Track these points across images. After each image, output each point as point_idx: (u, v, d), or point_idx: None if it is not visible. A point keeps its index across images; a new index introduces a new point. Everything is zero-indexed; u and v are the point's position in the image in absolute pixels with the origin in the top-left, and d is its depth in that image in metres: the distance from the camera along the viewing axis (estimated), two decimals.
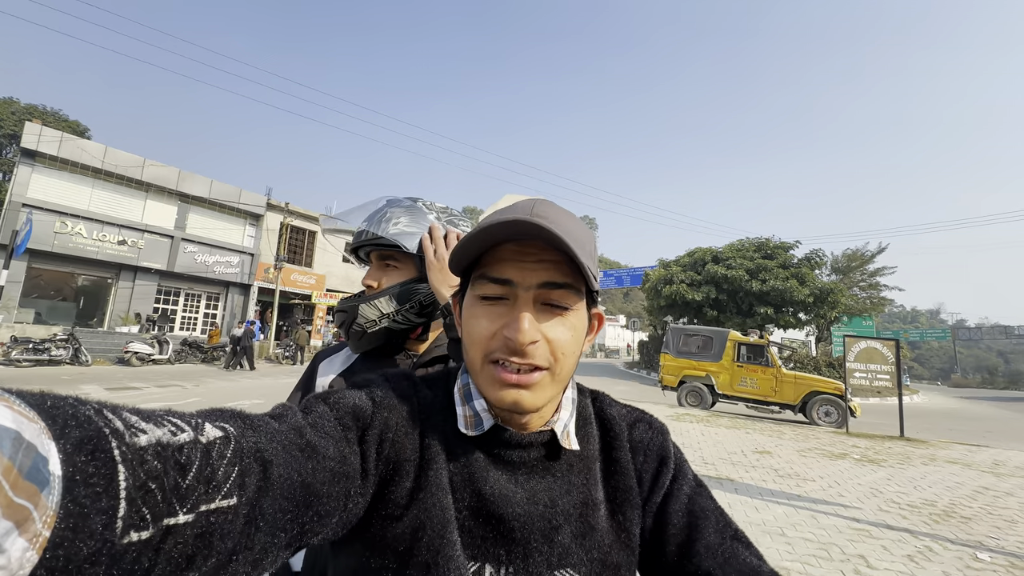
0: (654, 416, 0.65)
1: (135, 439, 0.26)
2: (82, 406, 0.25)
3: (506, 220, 0.48)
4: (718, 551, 0.53)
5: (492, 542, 0.50)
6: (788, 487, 5.14)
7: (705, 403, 12.20)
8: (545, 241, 0.49)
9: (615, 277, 35.78)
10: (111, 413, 0.26)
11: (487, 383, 0.52)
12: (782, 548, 3.48)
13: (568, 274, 0.52)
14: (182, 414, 0.32)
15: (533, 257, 0.51)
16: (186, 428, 0.31)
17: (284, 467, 0.37)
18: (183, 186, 19.32)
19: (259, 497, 0.34)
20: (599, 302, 0.60)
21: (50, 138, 16.26)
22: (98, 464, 0.24)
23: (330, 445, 0.43)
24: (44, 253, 16.04)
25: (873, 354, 10.05)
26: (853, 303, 23.50)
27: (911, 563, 3.34)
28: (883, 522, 4.19)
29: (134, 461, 0.25)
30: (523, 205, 0.52)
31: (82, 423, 0.24)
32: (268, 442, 0.37)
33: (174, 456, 0.28)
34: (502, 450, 0.54)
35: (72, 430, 0.23)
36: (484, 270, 0.52)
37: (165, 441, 0.28)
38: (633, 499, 0.57)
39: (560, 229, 0.47)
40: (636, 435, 0.61)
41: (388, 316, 0.95)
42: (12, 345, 12.20)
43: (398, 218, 0.99)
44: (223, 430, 0.33)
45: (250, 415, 0.39)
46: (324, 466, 0.41)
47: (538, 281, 0.51)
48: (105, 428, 0.25)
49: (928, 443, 8.64)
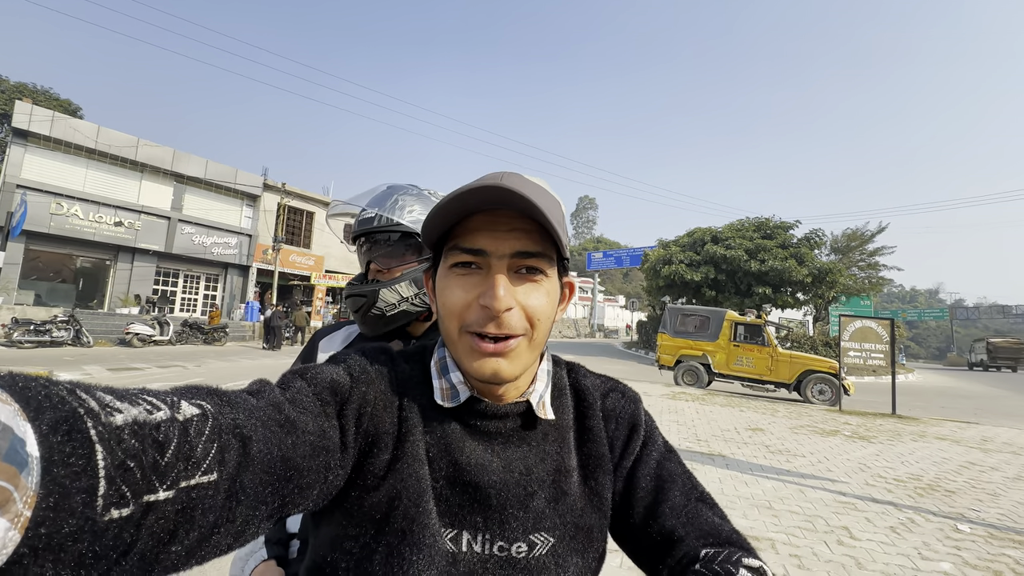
0: (628, 386, 0.67)
1: (111, 418, 0.27)
2: (54, 387, 0.25)
3: (477, 187, 0.48)
4: (682, 511, 0.56)
5: (469, 510, 0.52)
6: (778, 463, 5.25)
7: (701, 382, 12.34)
8: (517, 209, 0.50)
9: (614, 257, 35.70)
10: (84, 393, 0.27)
11: (465, 354, 0.52)
12: (768, 520, 3.58)
13: (540, 242, 0.52)
14: (157, 392, 0.33)
15: (505, 226, 0.51)
16: (162, 406, 0.31)
17: (263, 442, 0.37)
18: (178, 166, 19.13)
19: (239, 472, 0.34)
20: (570, 271, 0.61)
21: (41, 117, 16.02)
22: (75, 444, 0.24)
23: (309, 420, 0.44)
24: (41, 235, 15.97)
25: (868, 333, 10.13)
26: (852, 283, 23.49)
27: (893, 534, 3.45)
28: (868, 495, 4.30)
29: (111, 440, 0.26)
30: (491, 176, 0.53)
31: (56, 404, 0.24)
32: (246, 418, 0.37)
33: (151, 434, 0.29)
34: (478, 421, 0.55)
35: (46, 411, 0.24)
36: (456, 241, 0.53)
37: (142, 420, 0.29)
38: (605, 465, 0.59)
39: (531, 196, 0.48)
40: (609, 404, 0.63)
41: (407, 300, 0.99)
42: (13, 326, 12.26)
43: (411, 206, 1.03)
44: (200, 407, 0.34)
45: (227, 392, 0.39)
46: (303, 440, 0.41)
47: (511, 250, 0.51)
48: (80, 408, 0.25)
49: (919, 420, 8.77)
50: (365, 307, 0.99)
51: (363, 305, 1.00)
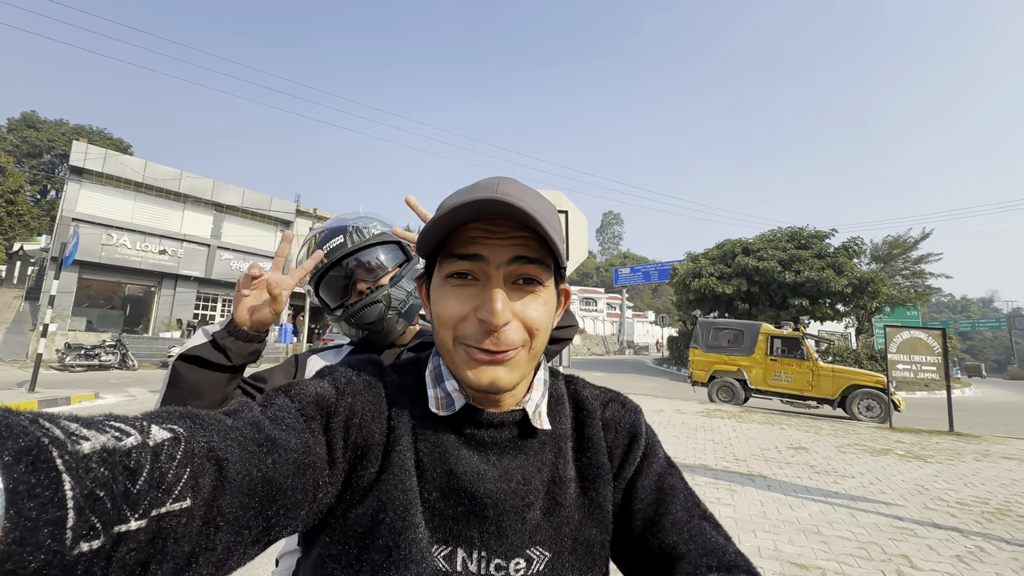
0: (628, 397, 0.65)
1: (77, 447, 0.26)
2: (14, 416, 0.24)
3: (474, 200, 0.47)
4: (684, 528, 0.54)
5: (464, 523, 0.50)
6: (825, 484, 4.92)
7: (737, 398, 11.85)
8: (514, 220, 0.49)
9: (642, 272, 35.22)
10: (48, 422, 0.26)
11: (461, 363, 0.51)
12: (818, 547, 3.33)
13: (537, 249, 0.51)
14: (126, 418, 0.32)
15: (502, 235, 0.51)
16: (132, 432, 0.30)
17: (241, 463, 0.36)
18: (218, 196, 20.16)
19: (215, 497, 0.33)
20: (566, 278, 0.60)
21: (95, 155, 17.26)
22: (40, 474, 0.23)
23: (292, 437, 0.42)
24: (93, 264, 17.04)
25: (917, 344, 9.54)
26: (896, 292, 22.36)
27: (960, 563, 3.14)
28: (929, 520, 3.96)
29: (79, 469, 0.25)
30: (486, 183, 0.52)
31: (18, 434, 0.23)
32: (221, 440, 0.36)
33: (121, 461, 0.28)
34: (474, 430, 0.54)
35: (8, 441, 0.22)
36: (452, 248, 0.52)
37: (111, 447, 0.27)
38: (604, 475, 0.57)
39: (528, 207, 0.47)
40: (608, 413, 0.61)
41: (411, 293, 1.07)
42: (66, 351, 13.03)
43: (370, 223, 1.11)
44: (172, 431, 0.33)
45: (201, 414, 0.38)
46: (286, 458, 0.40)
47: (509, 256, 0.50)
48: (43, 438, 0.24)
49: (981, 438, 8.14)
50: (384, 309, 1.03)
51: (382, 310, 1.03)
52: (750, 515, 3.91)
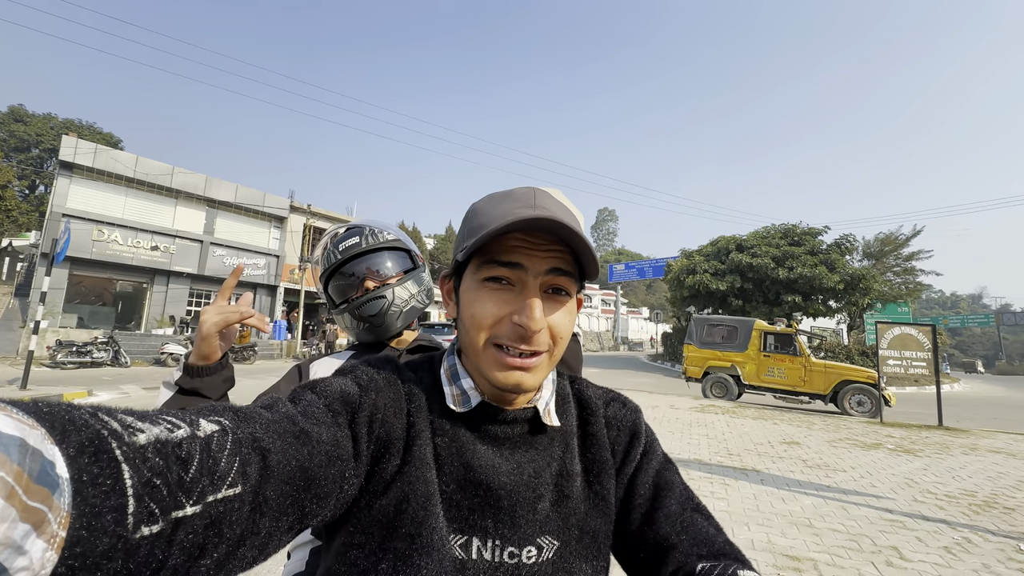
0: (629, 397, 0.69)
1: (134, 438, 0.27)
2: (77, 411, 0.26)
3: (526, 218, 0.50)
4: (677, 520, 0.57)
5: (479, 513, 0.52)
6: (817, 478, 5.00)
7: (731, 394, 11.95)
8: (557, 236, 0.52)
9: (637, 269, 35.35)
10: (107, 416, 0.27)
11: (489, 364, 0.53)
12: (810, 539, 3.39)
13: (571, 263, 0.55)
14: (175, 412, 0.34)
15: (542, 247, 0.53)
16: (182, 425, 0.32)
17: (281, 454, 0.38)
18: (210, 192, 19.95)
19: (261, 484, 0.35)
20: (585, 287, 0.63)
21: (85, 150, 17.02)
22: (102, 465, 0.25)
23: (322, 430, 0.44)
24: (84, 260, 16.82)
25: (908, 340, 9.65)
26: (887, 289, 22.57)
27: (948, 555, 3.21)
28: (918, 513, 4.03)
29: (136, 459, 0.27)
30: (523, 194, 0.55)
31: (80, 427, 0.25)
32: (263, 431, 0.38)
33: (174, 451, 0.30)
34: (488, 425, 0.56)
35: (72, 434, 0.24)
36: (492, 255, 0.54)
37: (164, 438, 0.30)
38: (608, 469, 0.60)
39: (572, 226, 0.50)
40: (610, 412, 0.65)
41: (413, 296, 1.14)
42: (57, 348, 12.89)
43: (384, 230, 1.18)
44: (218, 423, 0.35)
45: (242, 408, 0.41)
46: (319, 450, 0.42)
47: (547, 267, 0.53)
48: (103, 430, 0.26)
49: (969, 432, 8.27)
50: (385, 308, 1.08)
51: (382, 307, 1.08)
52: (743, 508, 3.97)
